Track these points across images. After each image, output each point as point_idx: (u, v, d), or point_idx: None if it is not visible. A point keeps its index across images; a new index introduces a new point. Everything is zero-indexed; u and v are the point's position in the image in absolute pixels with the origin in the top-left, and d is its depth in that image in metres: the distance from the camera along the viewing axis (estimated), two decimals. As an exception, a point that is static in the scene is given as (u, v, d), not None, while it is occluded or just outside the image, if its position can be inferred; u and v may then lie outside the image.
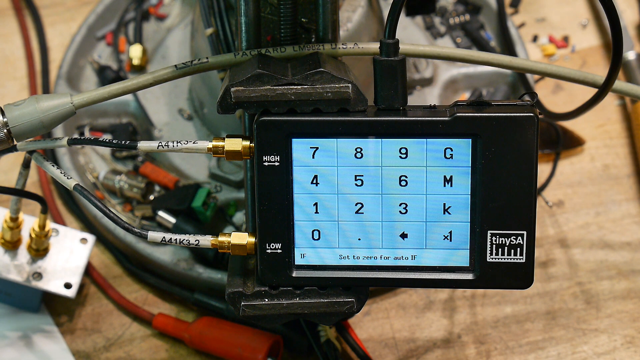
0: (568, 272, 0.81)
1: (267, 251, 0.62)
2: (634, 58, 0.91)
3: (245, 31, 0.65)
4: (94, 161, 0.85)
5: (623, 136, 0.88)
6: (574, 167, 0.86)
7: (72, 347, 0.77)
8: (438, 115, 0.60)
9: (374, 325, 0.78)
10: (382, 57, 0.61)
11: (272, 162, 0.61)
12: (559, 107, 0.88)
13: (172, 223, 0.79)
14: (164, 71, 0.65)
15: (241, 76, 0.61)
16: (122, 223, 0.63)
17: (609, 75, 0.64)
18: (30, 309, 0.78)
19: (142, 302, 0.79)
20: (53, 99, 0.64)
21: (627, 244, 0.82)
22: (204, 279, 0.78)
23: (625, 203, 0.84)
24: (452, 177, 0.61)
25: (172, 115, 0.86)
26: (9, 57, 0.92)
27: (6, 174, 0.85)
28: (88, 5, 0.94)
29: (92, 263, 0.81)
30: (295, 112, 0.61)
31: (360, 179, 0.62)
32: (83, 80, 0.89)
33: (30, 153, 0.66)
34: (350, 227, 0.62)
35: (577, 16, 0.95)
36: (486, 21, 0.92)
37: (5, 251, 0.76)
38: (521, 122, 0.60)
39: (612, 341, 0.77)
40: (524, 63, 0.67)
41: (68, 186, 0.64)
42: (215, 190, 0.81)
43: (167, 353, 0.77)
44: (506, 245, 0.62)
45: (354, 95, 0.60)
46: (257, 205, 0.62)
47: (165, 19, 0.92)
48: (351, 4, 0.79)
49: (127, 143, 0.63)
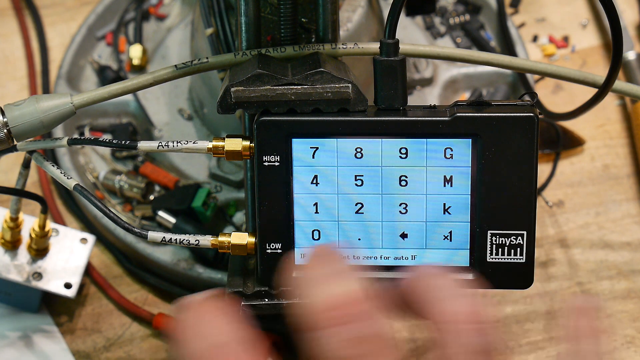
0: (568, 272, 0.81)
1: (267, 251, 0.62)
2: (634, 58, 0.91)
3: (245, 31, 0.65)
4: (94, 161, 0.85)
5: (623, 136, 0.88)
6: (574, 167, 0.86)
7: (72, 347, 0.77)
8: (438, 115, 0.60)
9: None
10: (382, 57, 0.61)
11: (272, 162, 0.61)
12: (559, 107, 0.88)
13: (172, 223, 0.79)
14: (164, 71, 0.65)
15: (241, 76, 0.61)
16: (122, 223, 0.63)
17: (609, 75, 0.64)
18: (30, 309, 0.78)
19: (142, 302, 0.79)
20: (53, 99, 0.64)
21: (627, 244, 0.82)
22: (204, 279, 0.78)
23: (625, 203, 0.84)
24: (452, 177, 0.61)
25: (172, 115, 0.86)
26: (9, 57, 0.92)
27: (6, 174, 0.85)
28: (88, 5, 0.94)
29: (92, 263, 0.81)
30: (295, 112, 0.61)
31: (360, 179, 0.62)
32: (83, 80, 0.89)
33: (30, 153, 0.66)
34: (351, 227, 0.62)
35: (577, 16, 0.95)
36: (486, 21, 0.92)
37: (5, 251, 0.76)
38: (521, 122, 0.60)
39: (612, 341, 0.77)
40: (524, 63, 0.67)
41: (68, 186, 0.64)
42: (215, 190, 0.81)
43: (167, 353, 0.77)
44: (506, 245, 0.62)
45: (354, 95, 0.60)
46: (257, 205, 0.62)
47: (165, 19, 0.92)
48: (351, 4, 0.79)
49: (127, 143, 0.63)
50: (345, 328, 0.46)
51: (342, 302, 0.46)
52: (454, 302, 0.49)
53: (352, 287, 0.47)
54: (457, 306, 0.48)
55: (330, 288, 0.47)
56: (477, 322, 0.48)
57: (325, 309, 0.46)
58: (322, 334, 0.46)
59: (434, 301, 0.49)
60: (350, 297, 0.46)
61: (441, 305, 0.49)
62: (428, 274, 0.50)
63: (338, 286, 0.47)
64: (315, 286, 0.47)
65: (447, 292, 0.49)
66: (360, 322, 0.46)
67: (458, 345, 0.48)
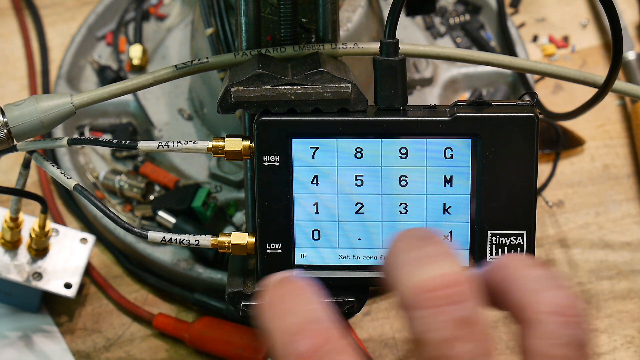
0: (568, 272, 0.81)
1: (267, 251, 0.62)
2: (634, 58, 0.91)
3: (245, 31, 0.65)
4: (94, 161, 0.85)
5: (623, 136, 0.88)
6: (574, 167, 0.86)
7: (72, 347, 0.77)
8: (438, 115, 0.60)
9: (374, 325, 0.78)
10: (382, 57, 0.61)
11: (272, 162, 0.61)
12: (559, 107, 0.88)
13: (172, 223, 0.79)
14: (164, 71, 0.65)
15: (241, 76, 0.61)
16: (122, 223, 0.63)
17: (609, 75, 0.64)
18: (30, 309, 0.78)
19: (142, 302, 0.79)
20: (53, 99, 0.64)
21: (627, 244, 0.82)
22: (204, 279, 0.78)
23: (625, 203, 0.84)
24: (452, 177, 0.61)
25: (172, 115, 0.86)
26: (9, 57, 0.92)
27: (6, 174, 0.85)
28: (88, 5, 0.94)
29: (92, 263, 0.81)
30: (295, 112, 0.61)
31: (360, 179, 0.62)
32: (83, 80, 0.89)
33: (30, 153, 0.66)
34: (351, 227, 0.62)
35: (577, 16, 0.95)
36: (486, 21, 0.92)
37: (5, 251, 0.76)
38: (521, 122, 0.60)
39: (612, 341, 0.77)
40: (524, 63, 0.67)
41: (68, 186, 0.64)
42: (215, 190, 0.81)
43: (167, 353, 0.77)
44: (506, 245, 0.62)
45: (354, 95, 0.60)
46: (257, 205, 0.62)
47: (165, 19, 0.92)
48: (351, 4, 0.79)
49: (127, 143, 0.63)
50: (446, 309, 0.46)
51: (445, 283, 0.46)
52: (548, 293, 0.48)
53: (454, 268, 0.47)
54: (551, 297, 0.48)
55: (433, 268, 0.47)
56: (571, 315, 0.48)
57: (427, 289, 0.46)
58: (421, 314, 0.46)
59: (526, 291, 0.48)
60: (452, 278, 0.46)
61: (534, 295, 0.48)
62: (517, 263, 0.50)
63: (440, 267, 0.47)
64: (417, 265, 0.47)
65: (540, 282, 0.48)
66: (460, 304, 0.46)
67: (551, 337, 0.47)
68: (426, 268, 0.47)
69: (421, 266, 0.47)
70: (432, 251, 0.48)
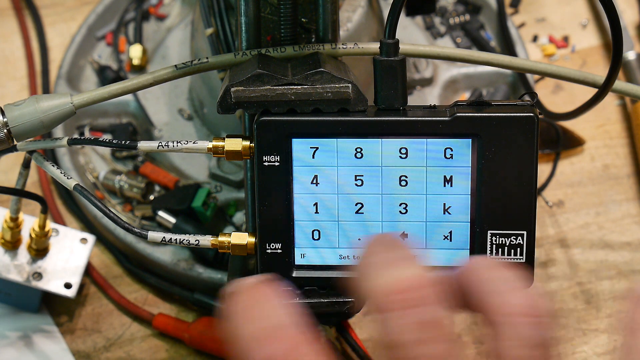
0: (568, 272, 0.81)
1: (267, 251, 0.62)
2: (634, 58, 0.91)
3: (245, 31, 0.65)
4: (94, 161, 0.85)
5: (623, 136, 0.88)
6: (574, 167, 0.86)
7: (72, 347, 0.77)
8: (438, 115, 0.60)
9: (374, 325, 0.78)
10: (382, 57, 0.61)
11: (272, 162, 0.61)
12: (559, 107, 0.88)
13: (172, 223, 0.79)
14: (164, 71, 0.65)
15: (241, 76, 0.61)
16: (122, 223, 0.63)
17: (609, 75, 0.64)
18: (30, 309, 0.78)
19: (142, 302, 0.79)
20: (53, 99, 0.64)
21: (627, 244, 0.82)
22: (204, 279, 0.78)
23: (625, 203, 0.84)
24: (452, 177, 0.61)
25: (172, 115, 0.86)
26: (9, 57, 0.92)
27: (6, 174, 0.85)
28: (88, 5, 0.94)
29: (92, 263, 0.81)
30: (295, 112, 0.61)
31: (360, 179, 0.62)
32: (83, 80, 0.89)
33: (30, 153, 0.66)
34: (351, 227, 0.62)
35: (577, 16, 0.95)
36: (486, 21, 0.92)
37: (5, 251, 0.76)
38: (521, 122, 0.60)
39: (612, 341, 0.77)
40: (524, 63, 0.67)
41: (68, 186, 0.64)
42: (215, 190, 0.81)
43: (167, 353, 0.77)
44: (506, 245, 0.62)
45: (354, 95, 0.60)
46: (257, 205, 0.62)
47: (165, 19, 0.92)
48: (351, 4, 0.79)
49: (127, 143, 0.63)
50: (409, 312, 0.46)
51: (407, 286, 0.47)
52: (512, 295, 0.48)
53: (417, 272, 0.47)
54: (514, 299, 0.48)
55: (396, 272, 0.47)
56: (535, 316, 0.48)
57: (390, 292, 0.47)
58: (386, 317, 0.47)
59: (490, 294, 0.49)
60: (415, 281, 0.47)
61: (498, 298, 0.48)
62: (482, 266, 0.50)
63: (404, 270, 0.47)
64: (381, 269, 0.47)
65: (504, 285, 0.49)
66: (423, 307, 0.46)
67: (515, 339, 0.47)
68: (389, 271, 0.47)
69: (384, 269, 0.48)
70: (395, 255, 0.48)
